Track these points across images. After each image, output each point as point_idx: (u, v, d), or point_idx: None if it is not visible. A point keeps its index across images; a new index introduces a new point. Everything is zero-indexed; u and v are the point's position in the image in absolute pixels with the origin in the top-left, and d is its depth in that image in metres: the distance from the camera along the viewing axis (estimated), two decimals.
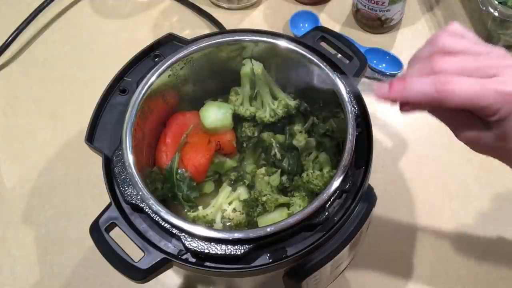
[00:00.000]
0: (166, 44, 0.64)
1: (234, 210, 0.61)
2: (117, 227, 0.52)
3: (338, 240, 0.52)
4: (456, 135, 0.44)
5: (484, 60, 0.40)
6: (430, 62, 0.41)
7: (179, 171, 0.63)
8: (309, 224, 0.51)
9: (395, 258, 0.70)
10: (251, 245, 0.50)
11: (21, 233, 0.74)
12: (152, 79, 0.59)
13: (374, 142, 0.56)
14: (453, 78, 0.39)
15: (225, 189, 0.64)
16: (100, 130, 0.58)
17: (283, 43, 0.61)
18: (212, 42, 0.62)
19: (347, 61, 0.61)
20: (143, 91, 0.58)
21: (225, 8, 0.94)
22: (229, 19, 0.92)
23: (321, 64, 0.59)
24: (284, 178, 0.65)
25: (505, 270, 0.68)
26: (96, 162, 0.57)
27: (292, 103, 0.65)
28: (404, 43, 0.89)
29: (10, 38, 0.90)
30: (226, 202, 0.62)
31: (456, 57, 0.40)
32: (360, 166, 0.55)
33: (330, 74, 0.58)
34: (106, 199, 0.54)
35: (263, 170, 0.65)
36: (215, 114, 0.65)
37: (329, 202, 0.52)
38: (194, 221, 0.60)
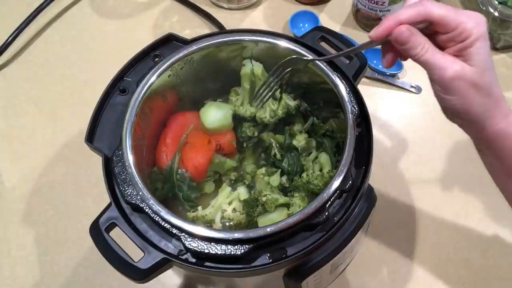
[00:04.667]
0: (166, 44, 0.64)
1: (234, 210, 0.61)
2: (117, 227, 0.52)
3: (338, 240, 0.52)
4: (443, 74, 0.45)
5: None
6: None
7: (179, 171, 0.63)
8: (309, 224, 0.51)
9: (395, 258, 0.70)
10: (251, 245, 0.50)
11: (21, 233, 0.74)
12: (152, 79, 0.59)
13: (374, 142, 0.56)
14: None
15: (225, 189, 0.64)
16: (100, 130, 0.58)
17: (283, 43, 0.61)
18: (212, 42, 0.62)
19: (347, 61, 0.61)
20: (143, 91, 0.58)
21: (225, 8, 0.94)
22: (229, 19, 0.92)
23: (321, 64, 0.59)
24: (284, 178, 0.65)
25: (505, 270, 0.68)
26: (96, 162, 0.57)
27: (292, 103, 0.65)
28: None
29: (10, 38, 0.90)
30: (226, 202, 0.62)
31: None
32: (360, 166, 0.55)
33: (330, 74, 0.58)
34: (106, 199, 0.54)
35: (263, 170, 0.66)
36: (215, 115, 0.65)
37: (329, 202, 0.52)
38: (193, 221, 0.60)
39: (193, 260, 0.51)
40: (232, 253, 0.49)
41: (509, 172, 0.50)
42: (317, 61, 0.59)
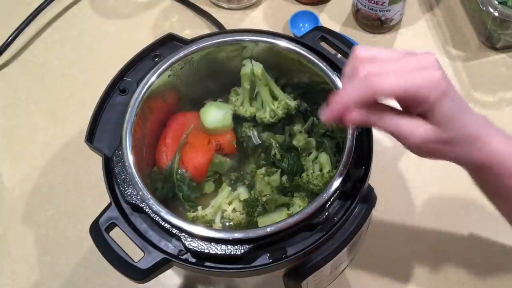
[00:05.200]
0: (166, 44, 0.64)
1: (234, 210, 0.61)
2: (117, 227, 0.52)
3: (338, 240, 0.52)
4: (408, 143, 0.45)
5: (401, 61, 0.43)
6: (355, 73, 0.43)
7: (179, 171, 0.63)
8: (309, 224, 0.51)
9: (395, 258, 0.70)
10: (251, 245, 0.50)
11: (21, 233, 0.74)
12: (152, 79, 0.59)
13: (374, 142, 0.56)
14: (380, 73, 0.42)
15: (225, 189, 0.64)
16: (100, 130, 0.58)
17: (283, 43, 0.61)
18: (212, 42, 0.62)
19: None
20: (143, 91, 0.58)
21: (225, 8, 0.94)
22: (229, 19, 0.92)
23: (321, 64, 0.59)
24: (284, 178, 0.65)
25: (505, 270, 0.68)
26: (96, 162, 0.58)
27: (292, 103, 0.65)
28: (404, 43, 0.89)
29: (10, 38, 0.90)
30: (226, 202, 0.62)
31: (376, 63, 0.43)
32: (360, 166, 0.55)
33: (330, 74, 0.58)
34: (106, 199, 0.54)
35: (263, 170, 0.65)
36: (215, 115, 0.65)
37: (329, 202, 0.52)
38: (193, 221, 0.60)
39: (193, 260, 0.51)
40: (232, 253, 0.49)
41: (499, 195, 0.51)
42: (316, 61, 0.59)
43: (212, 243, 0.50)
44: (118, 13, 0.96)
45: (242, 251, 0.49)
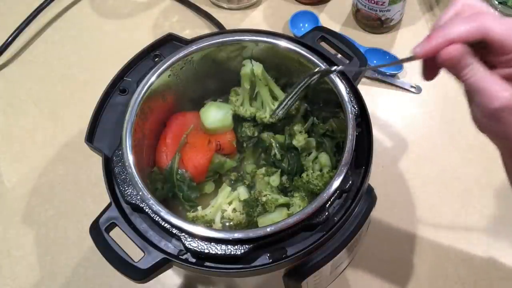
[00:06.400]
0: (166, 44, 0.64)
1: (234, 210, 0.61)
2: (117, 227, 0.52)
3: (338, 240, 0.52)
4: (488, 102, 0.40)
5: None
6: (461, 13, 0.41)
7: (179, 171, 0.63)
8: (309, 224, 0.51)
9: (395, 258, 0.70)
10: (251, 245, 0.50)
11: (21, 233, 0.74)
12: (152, 79, 0.59)
13: (374, 142, 0.56)
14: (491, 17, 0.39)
15: (225, 189, 0.64)
16: (100, 130, 0.59)
17: (283, 43, 0.61)
18: (212, 42, 0.62)
19: (347, 61, 0.61)
20: (143, 91, 0.58)
21: (225, 8, 0.94)
22: (229, 19, 0.92)
23: (321, 64, 0.59)
24: (284, 178, 0.65)
25: (505, 270, 0.68)
26: (96, 162, 0.58)
27: None
28: (404, 43, 0.89)
29: (10, 38, 0.90)
30: (226, 202, 0.62)
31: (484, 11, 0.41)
32: (360, 166, 0.55)
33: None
34: (106, 199, 0.54)
35: (263, 170, 0.66)
36: (215, 115, 0.65)
37: (329, 202, 0.52)
38: (193, 221, 0.60)
39: (193, 260, 0.51)
40: (232, 253, 0.49)
41: None
42: (316, 61, 0.59)
43: (212, 243, 0.50)
44: (118, 13, 0.96)
45: (242, 251, 0.49)
